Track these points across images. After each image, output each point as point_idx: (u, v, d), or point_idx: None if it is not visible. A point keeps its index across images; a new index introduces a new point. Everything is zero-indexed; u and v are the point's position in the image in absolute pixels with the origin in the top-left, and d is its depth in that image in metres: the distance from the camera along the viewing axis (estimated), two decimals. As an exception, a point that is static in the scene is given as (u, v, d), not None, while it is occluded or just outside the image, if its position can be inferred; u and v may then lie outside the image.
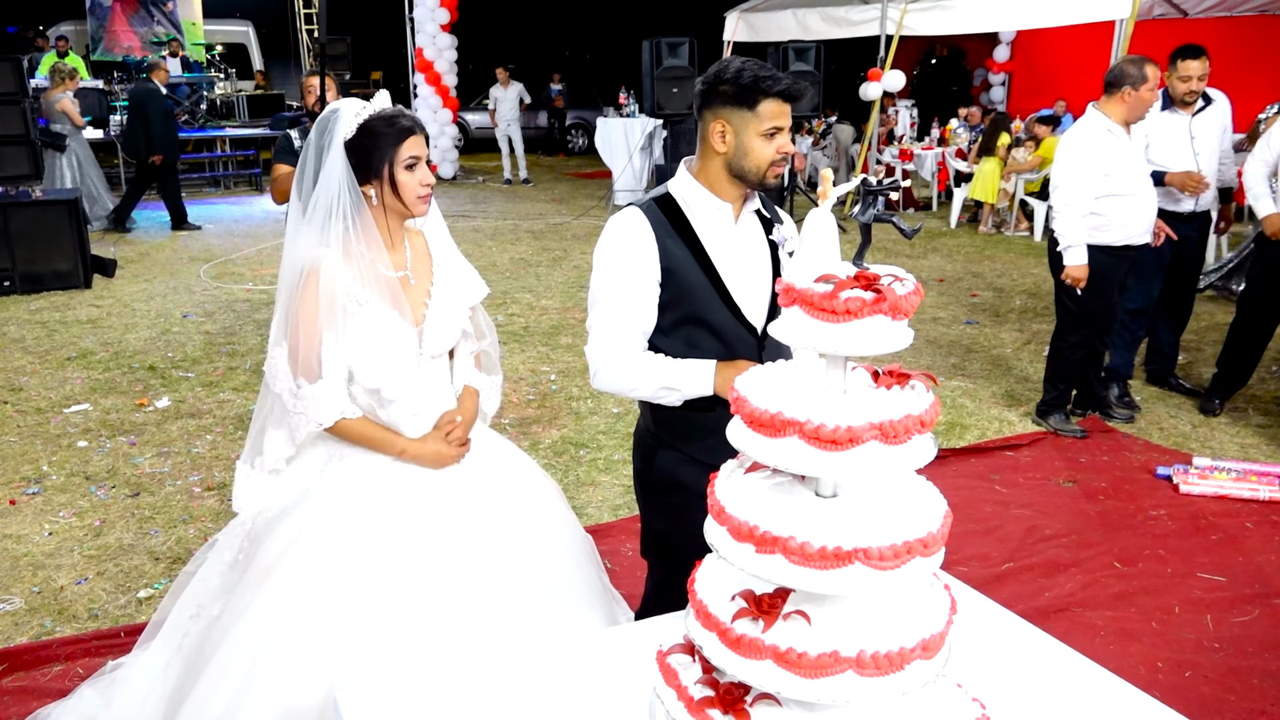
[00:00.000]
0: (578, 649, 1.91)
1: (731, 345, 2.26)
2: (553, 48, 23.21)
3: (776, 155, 2.20)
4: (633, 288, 2.24)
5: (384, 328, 2.23)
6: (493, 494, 2.38)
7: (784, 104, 2.18)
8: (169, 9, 17.73)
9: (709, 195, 2.26)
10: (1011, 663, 1.83)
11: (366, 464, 2.30)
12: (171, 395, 5.63)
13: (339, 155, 2.18)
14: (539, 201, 13.66)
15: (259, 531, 2.28)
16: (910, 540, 1.33)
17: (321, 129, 2.22)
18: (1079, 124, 4.86)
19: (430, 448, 2.32)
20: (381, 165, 2.20)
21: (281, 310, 2.25)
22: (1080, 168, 4.71)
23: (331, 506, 2.24)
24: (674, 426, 2.35)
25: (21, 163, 8.10)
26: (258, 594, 2.15)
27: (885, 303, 1.32)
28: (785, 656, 1.33)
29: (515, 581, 2.27)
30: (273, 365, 2.24)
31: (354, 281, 2.20)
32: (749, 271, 2.29)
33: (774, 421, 1.34)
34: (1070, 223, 4.74)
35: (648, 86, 10.51)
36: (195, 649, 2.26)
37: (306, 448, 2.34)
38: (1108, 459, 4.85)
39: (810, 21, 12.63)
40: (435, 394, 2.37)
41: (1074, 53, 14.68)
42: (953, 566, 3.59)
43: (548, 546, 2.41)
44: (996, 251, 10.09)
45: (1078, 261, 4.77)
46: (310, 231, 2.21)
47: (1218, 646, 3.30)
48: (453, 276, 2.42)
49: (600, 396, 5.61)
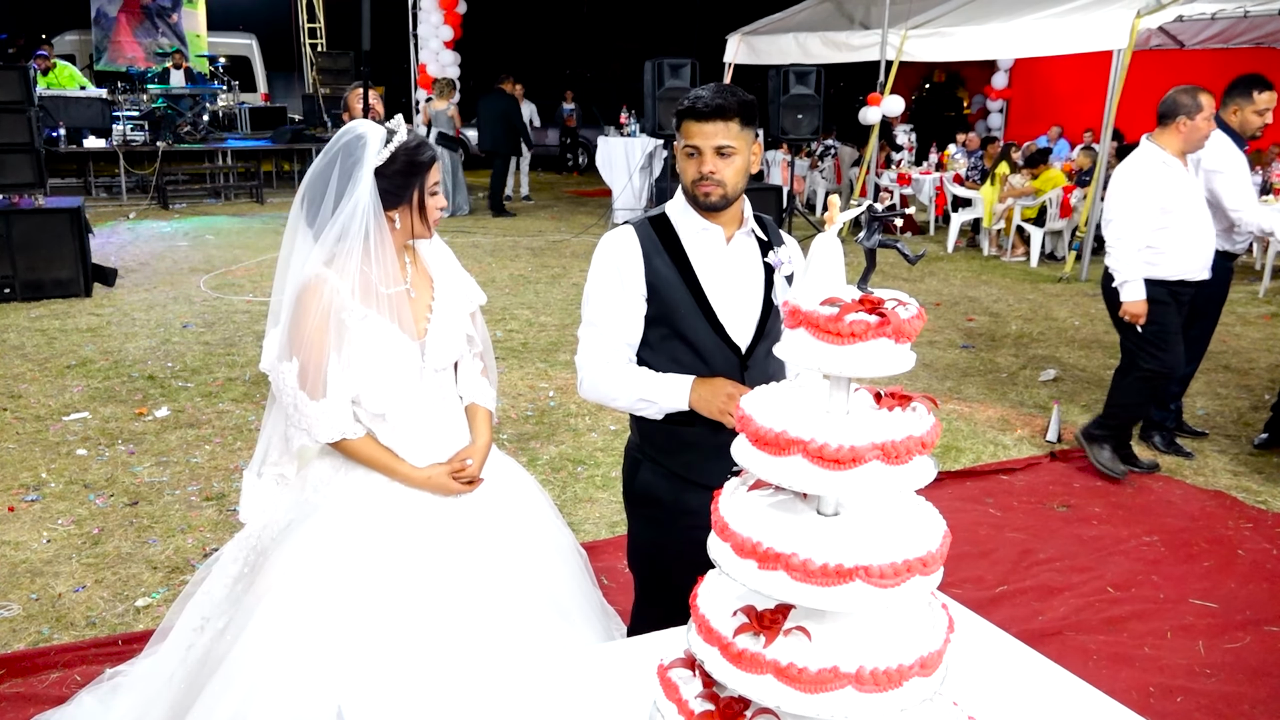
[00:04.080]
0: (578, 664, 1.92)
1: (712, 363, 2.31)
2: (555, 67, 23.34)
3: (697, 174, 2.22)
4: (617, 302, 2.31)
5: (385, 342, 2.25)
6: (493, 509, 2.40)
7: (700, 123, 2.18)
8: (173, 21, 17.82)
9: (696, 216, 2.30)
10: (1007, 683, 1.86)
11: (372, 478, 2.31)
12: (171, 405, 5.65)
13: (368, 181, 2.20)
14: (538, 219, 13.71)
15: (265, 545, 2.30)
16: (910, 559, 1.36)
17: (346, 152, 2.22)
18: (1134, 157, 4.68)
19: (435, 481, 2.32)
20: (413, 193, 2.25)
21: (284, 326, 2.26)
22: (1136, 201, 4.55)
23: (337, 522, 2.25)
24: (655, 440, 2.41)
25: (25, 170, 8.11)
26: (263, 608, 2.16)
27: (889, 326, 1.36)
28: (786, 672, 1.35)
29: (516, 596, 2.29)
30: (280, 380, 2.25)
31: (354, 298, 2.22)
32: (738, 293, 2.33)
33: (778, 440, 1.37)
34: (1126, 257, 4.57)
35: (649, 107, 10.60)
36: (200, 661, 2.26)
37: (313, 459, 2.36)
38: (1101, 484, 4.88)
39: (811, 46, 12.74)
40: (440, 408, 2.39)
41: (1072, 81, 14.83)
42: (947, 588, 3.60)
43: (547, 562, 2.43)
44: (993, 276, 10.16)
45: (1136, 297, 4.57)
46: (319, 251, 2.23)
47: (1209, 672, 3.32)
48: (452, 287, 2.44)
49: (598, 413, 5.63)
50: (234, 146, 14.81)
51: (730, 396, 2.17)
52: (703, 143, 2.19)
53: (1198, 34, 10.25)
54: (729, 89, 2.21)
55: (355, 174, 2.21)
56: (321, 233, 2.23)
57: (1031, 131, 15.32)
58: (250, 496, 2.38)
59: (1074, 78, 14.60)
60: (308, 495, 2.33)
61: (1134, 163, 4.65)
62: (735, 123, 2.19)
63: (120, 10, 17.43)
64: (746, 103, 2.21)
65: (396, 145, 2.23)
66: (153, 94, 14.79)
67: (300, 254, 2.28)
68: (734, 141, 2.19)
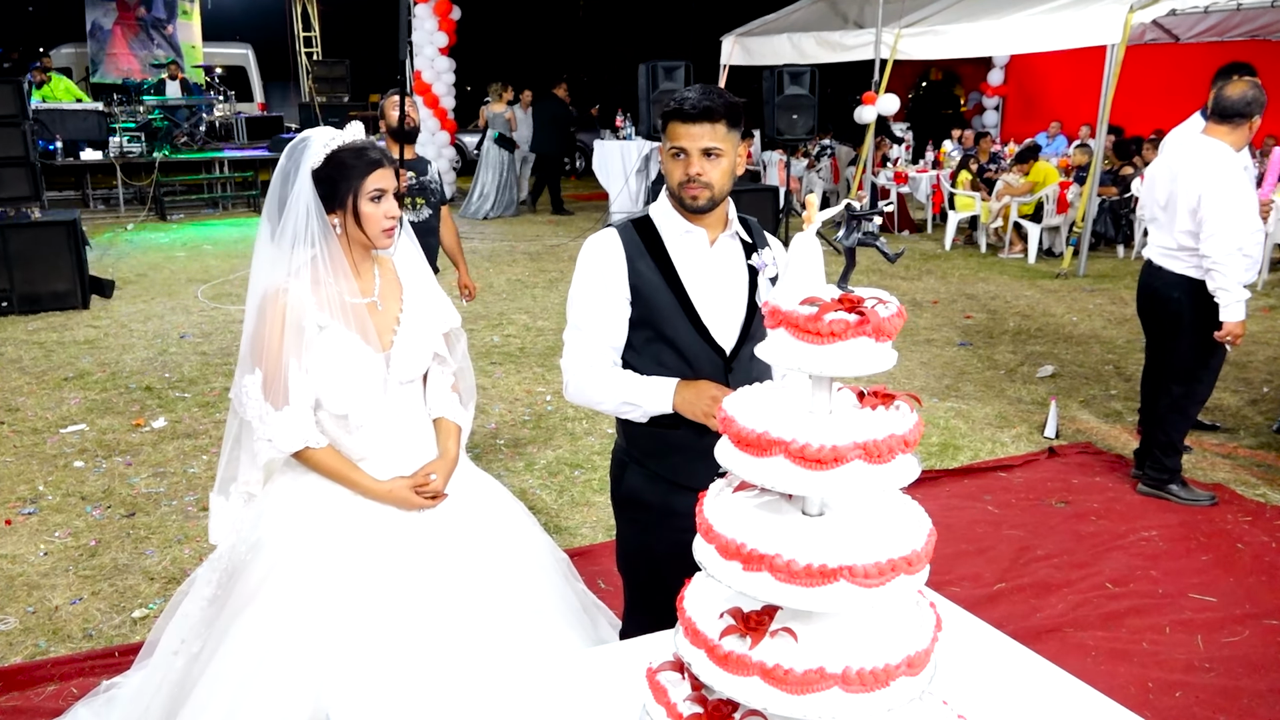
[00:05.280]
0: (567, 668, 1.92)
1: (696, 365, 2.30)
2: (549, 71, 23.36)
3: (684, 176, 2.21)
4: (600, 305, 2.31)
5: (346, 353, 2.24)
6: (459, 517, 2.38)
7: (686, 124, 2.18)
8: (169, 32, 17.83)
9: (680, 218, 2.30)
10: (1002, 683, 1.85)
11: (335, 491, 2.30)
12: (168, 416, 5.65)
13: (306, 183, 2.21)
14: (535, 224, 13.71)
15: (235, 565, 2.28)
16: (895, 558, 1.35)
17: (290, 155, 2.24)
18: (1214, 160, 4.23)
19: (397, 495, 2.31)
20: (346, 196, 2.22)
21: (246, 337, 2.27)
22: (1243, 207, 4.19)
23: (305, 536, 2.24)
24: (641, 443, 2.41)
25: (21, 184, 8.13)
26: (235, 627, 2.16)
27: (869, 325, 1.35)
28: (772, 673, 1.35)
29: (489, 601, 2.28)
30: (241, 391, 2.25)
31: (317, 308, 2.22)
32: (721, 295, 2.32)
33: (760, 441, 1.37)
34: (1238, 272, 4.18)
35: (644, 110, 10.59)
36: (176, 685, 2.26)
37: (277, 474, 2.35)
38: (1099, 480, 4.87)
39: (805, 46, 12.73)
40: (406, 420, 2.37)
41: (1067, 77, 14.82)
42: (945, 587, 3.61)
43: (521, 565, 2.43)
44: (990, 274, 10.15)
45: (1242, 316, 4.21)
46: (278, 256, 2.23)
47: (1209, 667, 3.31)
48: (423, 303, 2.42)
49: (595, 417, 5.63)
50: (231, 156, 14.81)
51: (714, 399, 2.17)
52: (689, 144, 2.19)
53: (1191, 27, 10.24)
54: (716, 91, 2.20)
55: (296, 174, 2.22)
56: (275, 234, 2.23)
57: (1028, 128, 15.31)
58: (219, 518, 2.37)
59: (1069, 73, 14.60)
60: (274, 509, 2.31)
61: (1223, 167, 4.22)
62: (722, 125, 2.18)
63: (115, 23, 17.44)
64: (733, 105, 2.20)
65: (335, 146, 2.22)
66: (149, 105, 14.80)
67: (262, 260, 2.28)
68: (721, 144, 2.19)
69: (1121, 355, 7.03)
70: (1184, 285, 4.40)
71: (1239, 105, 4.25)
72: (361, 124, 2.33)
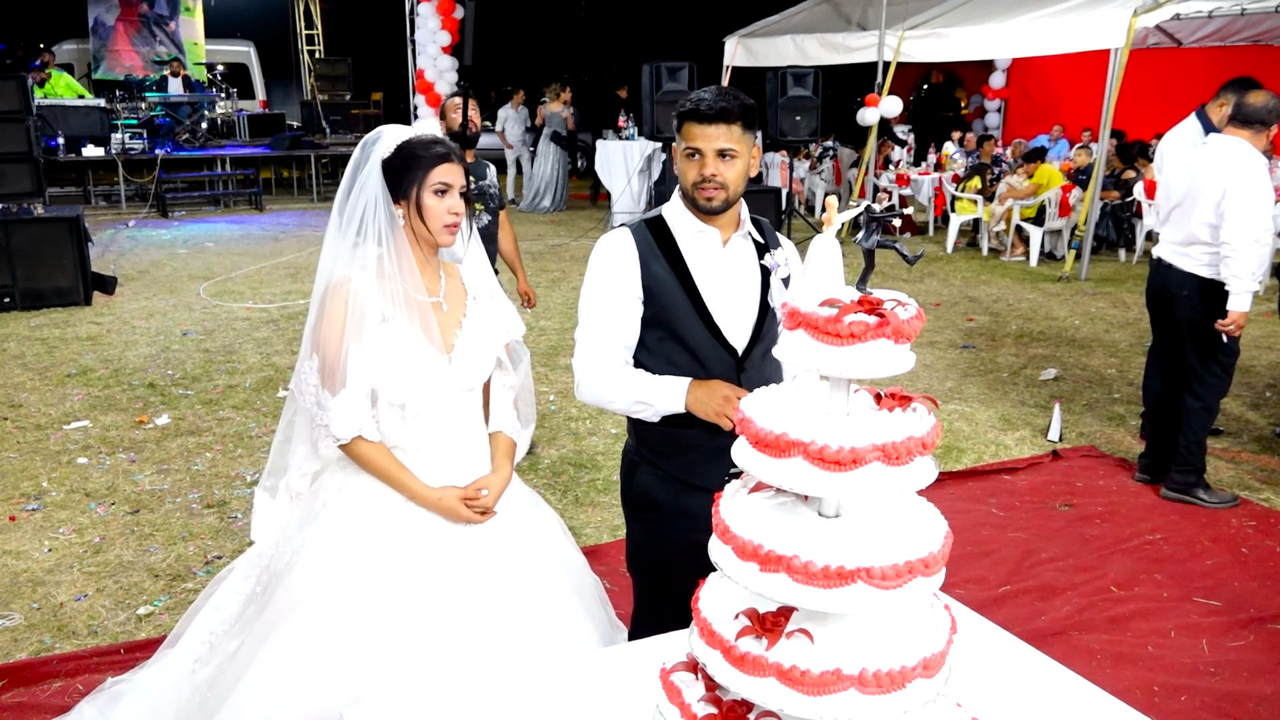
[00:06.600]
0: (580, 668, 1.92)
1: (708, 365, 2.30)
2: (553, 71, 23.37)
3: (698, 177, 2.21)
4: (613, 304, 2.31)
5: (408, 345, 2.22)
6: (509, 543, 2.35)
7: (702, 125, 2.18)
8: (171, 29, 17.82)
9: (692, 219, 2.30)
10: (1011, 684, 1.85)
11: (383, 493, 2.27)
12: (171, 412, 5.64)
13: (375, 172, 2.22)
14: (537, 223, 13.71)
15: (279, 568, 2.26)
16: (912, 560, 1.35)
17: (364, 148, 2.27)
18: (1243, 156, 4.34)
19: (446, 504, 2.26)
20: (411, 186, 2.22)
21: (309, 325, 2.27)
22: (1265, 201, 4.30)
23: (351, 549, 2.21)
24: (652, 443, 2.40)
25: (24, 179, 8.12)
26: (275, 635, 2.15)
27: (888, 327, 1.35)
28: (788, 674, 1.34)
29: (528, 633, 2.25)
30: (302, 378, 2.25)
31: (383, 299, 2.22)
32: (734, 295, 2.32)
33: (779, 442, 1.37)
34: (1252, 263, 4.27)
35: (647, 110, 10.59)
36: (209, 683, 2.24)
37: (325, 474, 2.34)
38: (1104, 483, 4.87)
39: (808, 47, 12.74)
40: (464, 426, 2.34)
41: (1070, 80, 14.82)
42: (950, 589, 3.60)
43: (562, 598, 2.39)
44: (993, 276, 10.15)
45: (1247, 307, 4.32)
46: (344, 246, 2.24)
47: (1213, 670, 3.31)
48: (488, 310, 2.41)
49: (599, 417, 5.63)
50: (233, 154, 14.81)
51: (726, 399, 2.17)
52: (705, 145, 2.19)
53: (1195, 32, 10.23)
54: (731, 92, 2.21)
55: (367, 164, 2.24)
56: (344, 222, 2.24)
57: (1030, 131, 15.30)
58: (262, 515, 2.36)
59: (1072, 77, 14.59)
60: (318, 511, 2.29)
61: (1251, 162, 4.33)
62: (737, 126, 2.19)
63: (118, 19, 17.43)
64: (748, 106, 2.21)
65: (406, 139, 2.24)
66: (151, 102, 14.80)
67: (329, 252, 2.28)
68: (736, 145, 2.19)
69: (1124, 359, 7.03)
70: (1193, 283, 4.47)
71: (1262, 113, 4.41)
72: (435, 120, 2.36)
